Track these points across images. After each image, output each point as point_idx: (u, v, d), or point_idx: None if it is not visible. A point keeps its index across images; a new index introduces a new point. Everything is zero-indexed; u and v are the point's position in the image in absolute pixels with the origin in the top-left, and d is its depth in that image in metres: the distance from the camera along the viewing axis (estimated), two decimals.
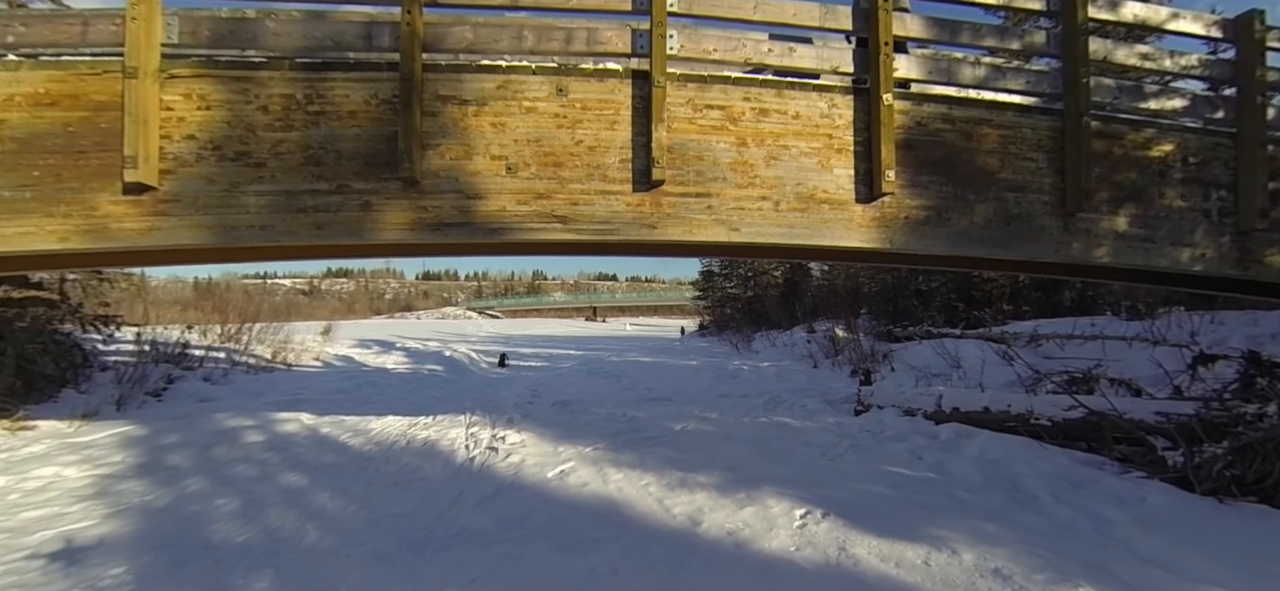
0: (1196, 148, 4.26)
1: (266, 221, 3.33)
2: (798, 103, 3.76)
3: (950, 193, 3.90)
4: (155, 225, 3.27)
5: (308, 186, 3.36)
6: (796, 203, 3.70)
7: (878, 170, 3.70)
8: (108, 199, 3.23)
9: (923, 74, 3.95)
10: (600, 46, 3.60)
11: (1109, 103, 4.18)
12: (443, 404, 9.23)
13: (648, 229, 3.56)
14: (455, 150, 3.46)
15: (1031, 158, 4.03)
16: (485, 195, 3.46)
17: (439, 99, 3.46)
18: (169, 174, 3.28)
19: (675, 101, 3.62)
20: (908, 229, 3.84)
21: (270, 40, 3.40)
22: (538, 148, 3.50)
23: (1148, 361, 6.95)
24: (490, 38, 3.53)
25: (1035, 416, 5.64)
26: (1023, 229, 3.99)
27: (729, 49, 3.73)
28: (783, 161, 3.71)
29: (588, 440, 5.99)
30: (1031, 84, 4.13)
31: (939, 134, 3.92)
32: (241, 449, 5.92)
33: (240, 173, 3.32)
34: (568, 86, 3.55)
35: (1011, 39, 4.13)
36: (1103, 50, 4.18)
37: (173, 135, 3.29)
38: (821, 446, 5.68)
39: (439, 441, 6.17)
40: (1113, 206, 4.12)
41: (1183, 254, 4.21)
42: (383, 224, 3.40)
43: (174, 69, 3.30)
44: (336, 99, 3.40)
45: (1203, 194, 4.25)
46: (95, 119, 3.23)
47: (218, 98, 3.33)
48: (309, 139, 3.37)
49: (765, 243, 3.71)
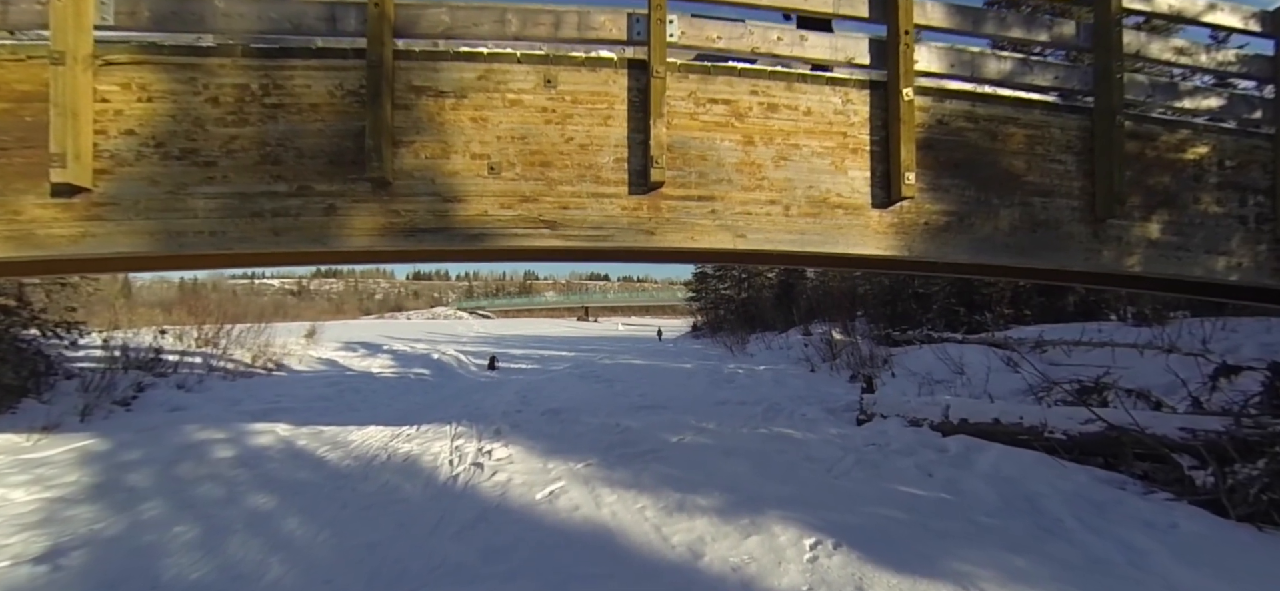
0: (1233, 150, 3.97)
1: (217, 227, 2.96)
2: (809, 97, 3.43)
3: (973, 197, 3.59)
4: (89, 231, 2.89)
5: (264, 188, 2.99)
6: (808, 207, 3.38)
7: (896, 172, 3.38)
8: (33, 202, 2.85)
9: (944, 68, 3.62)
10: (593, 32, 3.25)
11: (1142, 101, 3.88)
12: (428, 412, 8.85)
13: (645, 235, 3.22)
14: (431, 147, 3.10)
15: (1060, 159, 3.72)
16: (465, 198, 3.10)
17: (413, 90, 3.10)
18: (105, 174, 2.90)
19: (676, 95, 3.28)
20: (927, 236, 3.52)
21: (221, 22, 3.02)
22: (523, 145, 3.15)
23: (1160, 370, 6.69)
24: (470, 21, 3.17)
25: (1049, 429, 5.35)
26: (1050, 236, 3.69)
27: (735, 36, 3.39)
28: (793, 162, 3.38)
29: (579, 454, 5.65)
30: (1060, 79, 3.82)
31: (962, 133, 3.60)
32: (209, 465, 5.52)
33: (187, 173, 2.95)
34: (557, 77, 3.19)
35: (1040, 30, 3.81)
36: (1136, 44, 3.88)
37: (109, 130, 2.91)
38: (826, 461, 5.37)
39: (421, 456, 5.81)
40: (1145, 212, 3.82)
41: (1218, 263, 3.93)
42: (349, 229, 3.04)
43: (110, 55, 2.92)
44: (297, 90, 3.03)
45: (1239, 199, 3.97)
46: (18, 112, 2.85)
47: (161, 88, 2.95)
48: (266, 135, 3.00)
49: (774, 250, 3.38)
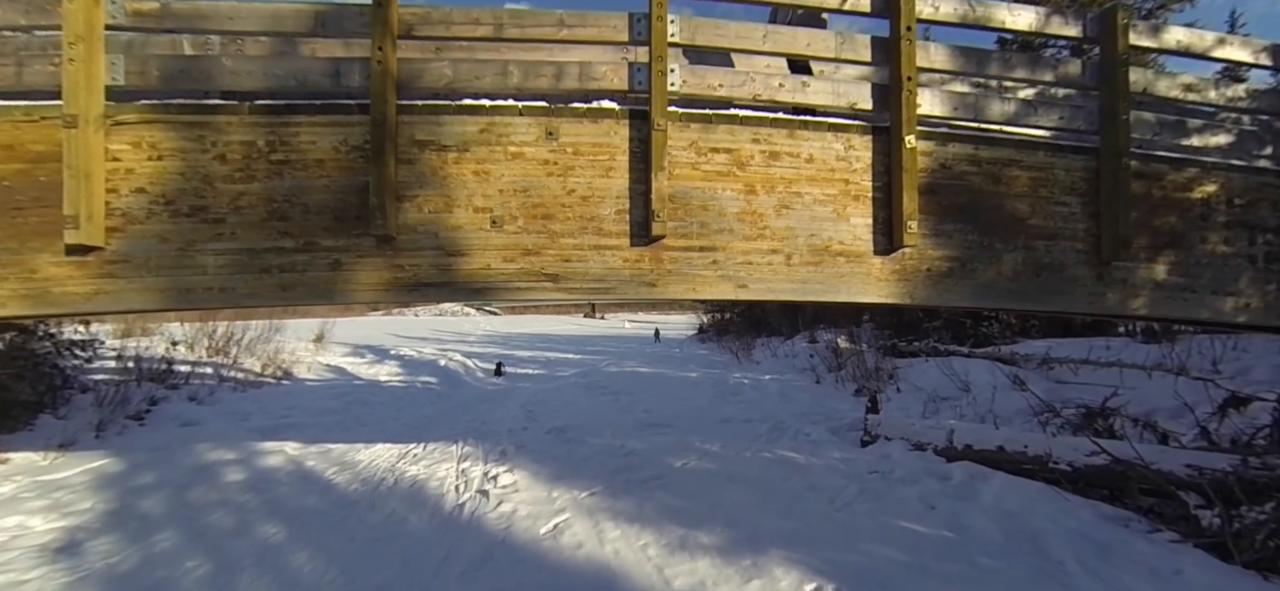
0: (1242, 188, 3.94)
1: (226, 283, 3.02)
2: (811, 144, 3.43)
3: (976, 241, 3.59)
4: (102, 288, 2.95)
5: (271, 244, 3.04)
6: (810, 255, 3.39)
7: (899, 220, 3.38)
8: (49, 260, 2.91)
9: (948, 111, 3.62)
10: (594, 83, 3.27)
11: (1148, 140, 3.85)
12: (435, 426, 8.93)
13: (646, 287, 3.25)
14: (434, 202, 3.14)
15: (1064, 201, 3.71)
16: (468, 252, 3.14)
17: (416, 144, 3.14)
18: (117, 232, 2.96)
19: (677, 144, 3.30)
20: (930, 282, 3.52)
21: (228, 80, 3.07)
22: (526, 198, 3.18)
23: (1169, 393, 6.62)
24: (472, 74, 3.20)
25: (1054, 460, 5.31)
26: (1054, 280, 3.68)
27: (736, 84, 3.40)
28: (795, 210, 3.39)
29: (583, 482, 5.69)
30: (1065, 119, 3.80)
31: (965, 176, 3.60)
32: (220, 490, 5.61)
33: (196, 229, 3.00)
34: (558, 129, 3.22)
35: (1044, 70, 3.79)
36: (1143, 81, 3.85)
37: (120, 188, 2.97)
38: (829, 491, 5.37)
39: (427, 481, 5.87)
40: (1151, 253, 3.80)
41: (1226, 303, 3.90)
42: (355, 284, 3.09)
43: (120, 115, 2.98)
44: (302, 146, 3.08)
45: (1248, 238, 3.94)
46: (33, 172, 2.91)
47: (170, 146, 3.01)
48: (272, 191, 3.05)
49: (775, 299, 3.39)
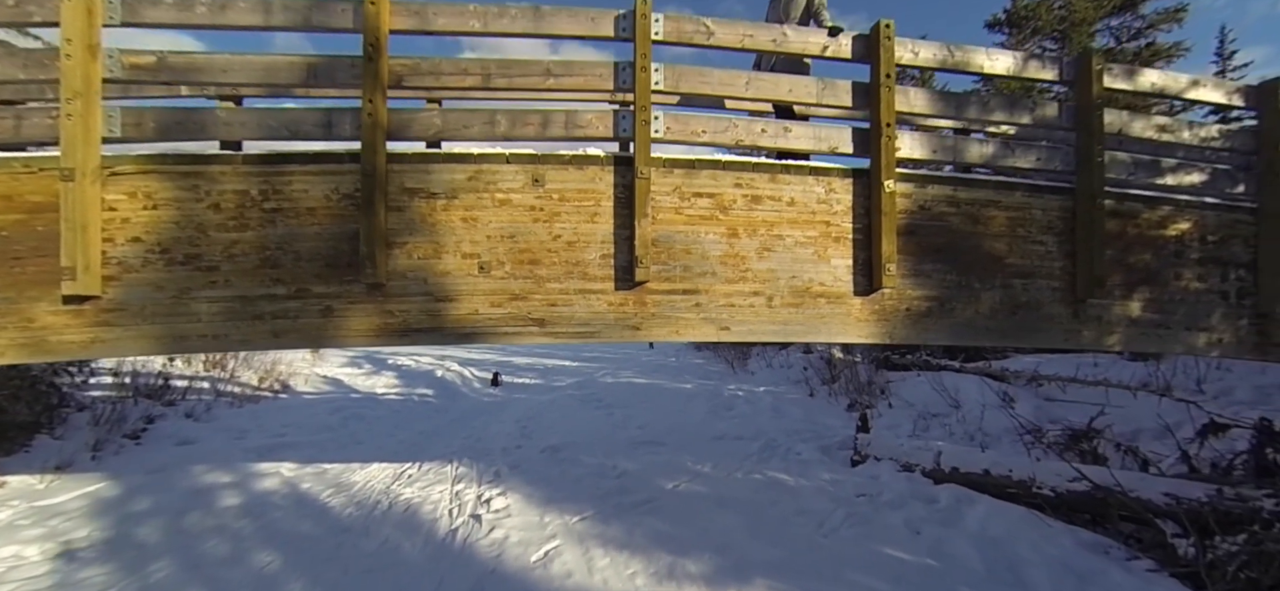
0: (1215, 224, 4.03)
1: (219, 329, 3.09)
2: (793, 188, 3.52)
3: (955, 281, 3.67)
4: (98, 336, 3.02)
5: (264, 291, 3.11)
6: (791, 297, 3.47)
7: (878, 262, 3.46)
8: (46, 309, 2.98)
9: (927, 153, 3.70)
10: (580, 131, 3.35)
11: (1124, 179, 3.94)
12: (431, 442, 9.00)
13: (631, 330, 3.32)
14: (424, 248, 3.21)
15: (1041, 240, 3.79)
16: (456, 297, 3.21)
17: (406, 192, 3.22)
18: (113, 280, 3.03)
19: (661, 190, 3.38)
20: (909, 321, 3.60)
21: (222, 130, 3.15)
22: (513, 244, 3.26)
23: (1153, 414, 6.71)
24: (460, 123, 3.28)
25: (1038, 484, 5.40)
26: (1031, 318, 3.76)
27: (719, 130, 3.48)
28: (777, 252, 3.47)
29: (575, 505, 5.76)
30: (1042, 160, 3.88)
31: (944, 217, 3.68)
32: (216, 516, 5.67)
33: (191, 277, 3.07)
34: (544, 176, 3.30)
35: (1022, 112, 3.88)
36: (1118, 123, 3.94)
37: (116, 238, 3.04)
38: (817, 516, 5.45)
39: (422, 505, 5.94)
40: (1126, 290, 3.89)
41: (1199, 339, 3.99)
42: (346, 330, 3.16)
43: (117, 166, 3.05)
44: (295, 195, 3.15)
45: (1221, 274, 4.03)
46: (31, 222, 2.98)
47: (166, 196, 3.08)
48: (265, 239, 3.12)
49: (757, 340, 3.47)
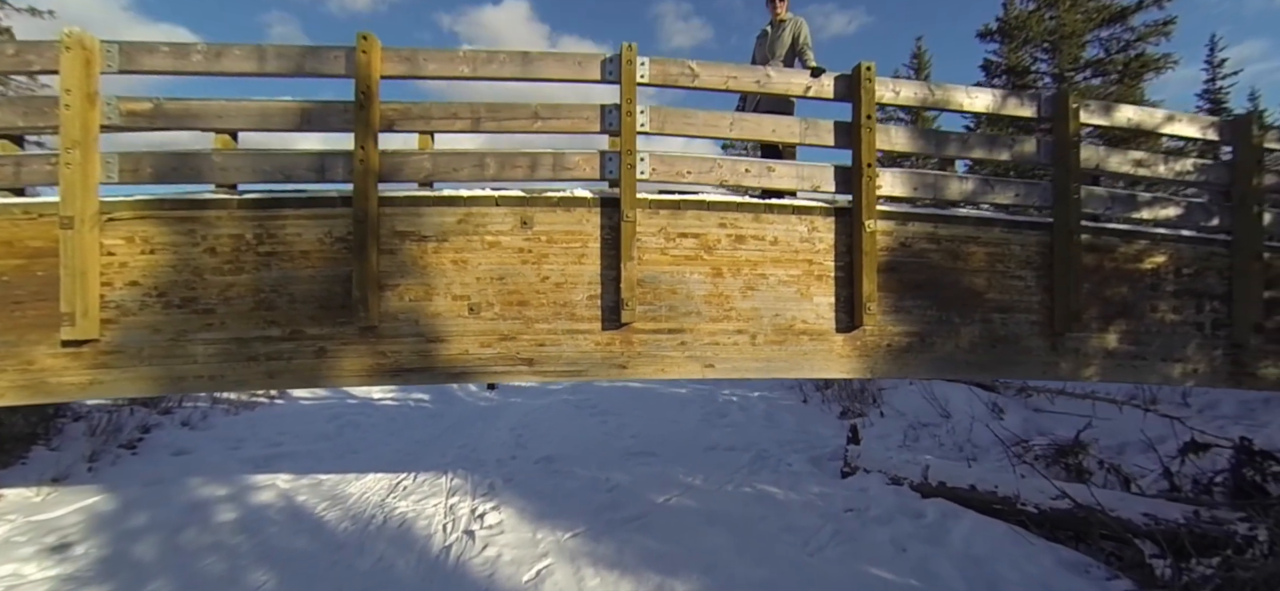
0: (1190, 257, 4.12)
1: (215, 370, 3.16)
2: (776, 227, 3.60)
3: (935, 316, 3.76)
4: (97, 378, 3.10)
5: (259, 333, 3.19)
6: (774, 335, 3.55)
7: (859, 300, 3.55)
8: (45, 352, 3.06)
9: (908, 191, 3.78)
10: (567, 172, 3.43)
11: (1101, 214, 4.03)
12: (427, 451, 9.09)
13: (617, 369, 3.41)
14: (415, 290, 3.29)
15: (1020, 275, 3.88)
16: (447, 338, 3.30)
17: (397, 235, 3.29)
18: (111, 323, 3.11)
19: (646, 230, 3.46)
20: (890, 357, 3.69)
21: (218, 175, 3.22)
22: (502, 285, 3.34)
23: (1138, 429, 6.83)
24: (451, 166, 3.35)
25: (1022, 501, 5.51)
26: (1009, 351, 3.85)
27: (704, 170, 3.56)
28: (760, 291, 3.55)
29: (567, 522, 5.86)
30: (1021, 196, 3.97)
31: (924, 254, 3.77)
32: (212, 532, 5.76)
33: (187, 320, 3.15)
34: (533, 218, 3.38)
35: (1001, 149, 3.97)
36: (1095, 158, 4.03)
37: (114, 282, 3.12)
38: (804, 532, 5.55)
39: (416, 520, 6.03)
40: (1103, 323, 3.98)
41: (1174, 369, 4.09)
42: (339, 371, 3.24)
43: (115, 211, 3.12)
44: (289, 238, 3.22)
45: (1196, 306, 4.12)
46: (31, 267, 3.05)
47: (162, 240, 3.15)
48: (260, 282, 3.20)
49: (741, 376, 3.56)
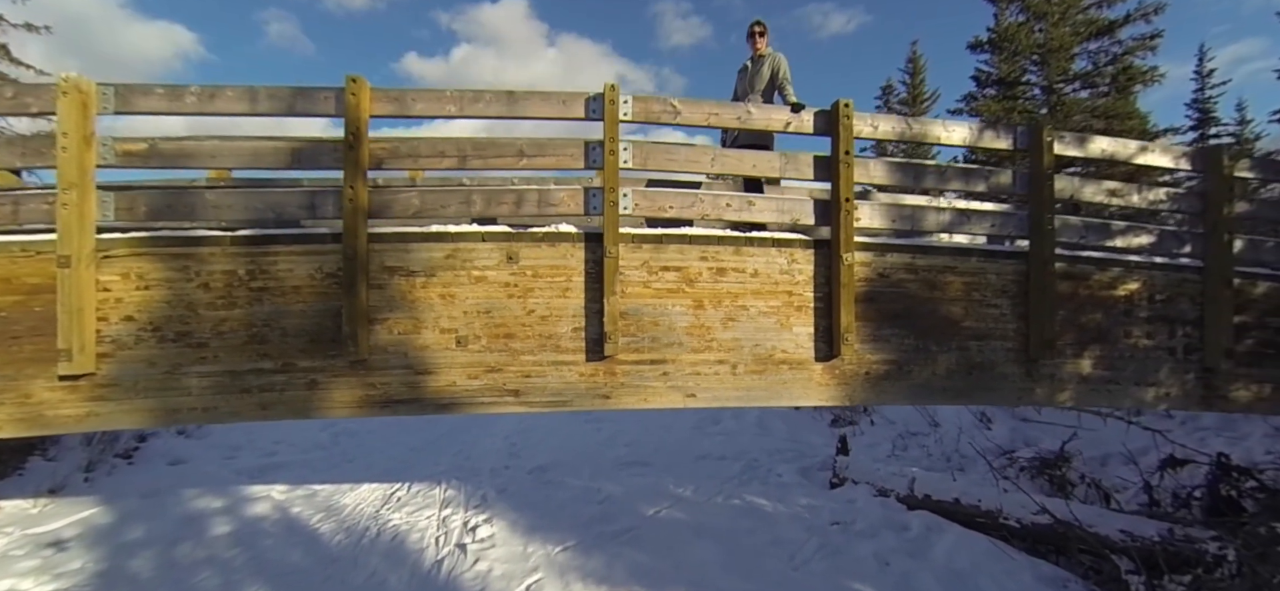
0: (1163, 284, 4.22)
1: (209, 403, 3.25)
2: (756, 260, 3.69)
3: (912, 345, 3.85)
4: (93, 410, 3.18)
5: (252, 365, 3.27)
6: (754, 364, 3.65)
7: (837, 330, 3.64)
8: (43, 386, 3.14)
9: (886, 223, 3.88)
10: (552, 209, 3.51)
11: (1076, 242, 4.13)
12: (421, 459, 9.18)
13: (601, 398, 3.50)
14: (403, 324, 3.38)
15: (996, 304, 3.98)
16: (435, 370, 3.39)
17: (386, 270, 3.38)
18: (107, 357, 3.19)
19: (629, 264, 3.55)
20: (868, 384, 3.79)
21: (211, 213, 3.30)
22: (488, 319, 3.43)
23: (1121, 441, 6.95)
24: (438, 203, 3.44)
25: (1004, 516, 5.64)
26: (985, 378, 3.95)
27: (686, 205, 3.65)
28: (740, 322, 3.65)
29: (558, 534, 5.96)
30: (997, 226, 4.07)
31: (902, 284, 3.86)
32: (207, 545, 5.85)
33: (181, 354, 3.24)
34: (518, 253, 3.47)
35: (978, 181, 4.06)
36: (1070, 188, 4.12)
37: (110, 317, 3.20)
38: (791, 546, 5.66)
39: (409, 533, 6.13)
40: (1077, 349, 4.08)
41: (1147, 393, 4.19)
42: (330, 402, 3.33)
43: (111, 249, 3.20)
44: (280, 273, 3.31)
45: (1169, 331, 4.22)
46: (29, 303, 3.14)
47: (157, 276, 3.23)
48: (252, 316, 3.28)
49: (722, 405, 3.66)
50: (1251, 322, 4.25)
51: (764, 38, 4.63)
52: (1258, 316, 4.26)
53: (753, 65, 4.65)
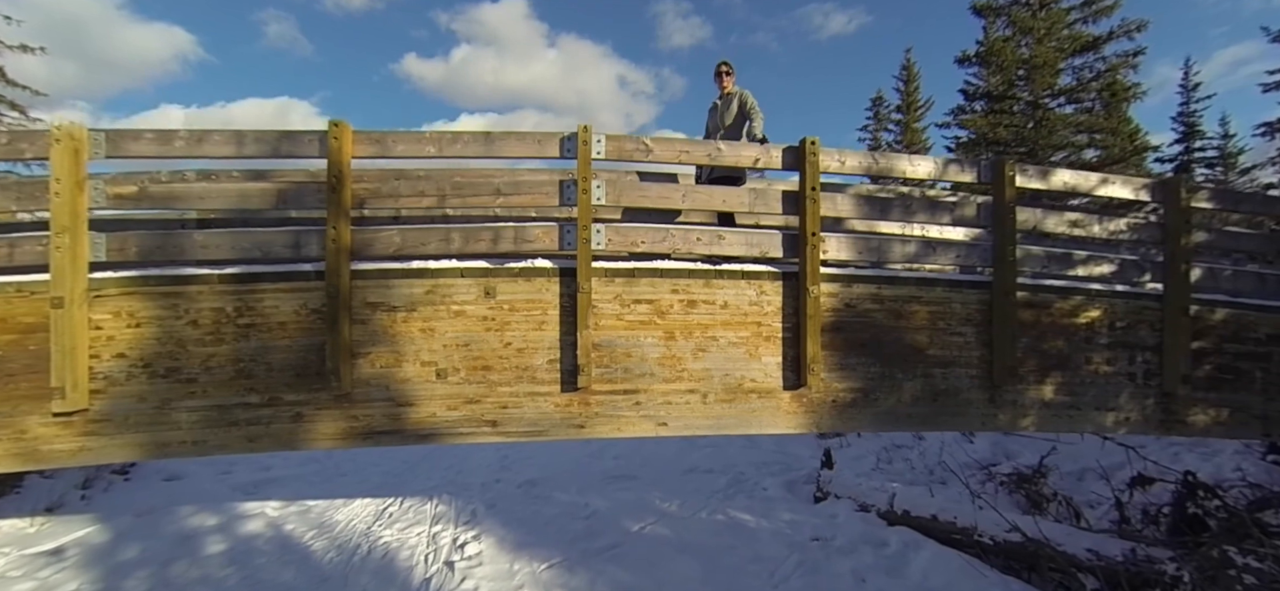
0: (1123, 312, 4.36)
1: (198, 436, 3.38)
2: (726, 292, 3.83)
3: (878, 372, 3.99)
4: (86, 445, 3.32)
5: (239, 400, 3.41)
6: (724, 394, 3.79)
7: (804, 360, 3.78)
8: (38, 422, 3.27)
9: (853, 255, 4.01)
10: (528, 245, 3.65)
11: (1039, 271, 4.27)
12: (414, 473, 9.32)
13: (576, 428, 3.64)
14: (385, 357, 3.52)
15: (960, 332, 4.12)
16: (415, 402, 3.52)
17: (368, 306, 3.52)
18: (99, 393, 3.33)
19: (602, 298, 3.69)
20: (835, 412, 3.93)
21: (199, 253, 3.44)
22: (467, 352, 3.57)
23: (1097, 457, 7.09)
24: (418, 240, 3.58)
25: (979, 533, 5.77)
26: (950, 404, 4.09)
27: (657, 239, 3.79)
28: (711, 353, 3.78)
29: (544, 551, 6.08)
30: (962, 257, 4.21)
31: (869, 314, 4.00)
32: (201, 564, 5.97)
33: (171, 389, 3.37)
34: (496, 288, 3.61)
35: (942, 213, 4.21)
36: (1033, 220, 4.27)
37: (102, 354, 3.34)
38: (771, 563, 5.79)
39: (399, 551, 6.25)
40: (1039, 376, 4.22)
41: (1107, 418, 4.33)
42: (315, 434, 3.46)
43: (103, 289, 3.34)
44: (267, 310, 3.45)
45: (1129, 357, 4.36)
46: (24, 341, 3.27)
47: (147, 314, 3.37)
48: (240, 352, 3.42)
49: (693, 433, 3.79)
50: (1209, 348, 4.39)
51: (731, 77, 4.82)
52: (1215, 342, 4.40)
53: (722, 103, 4.83)
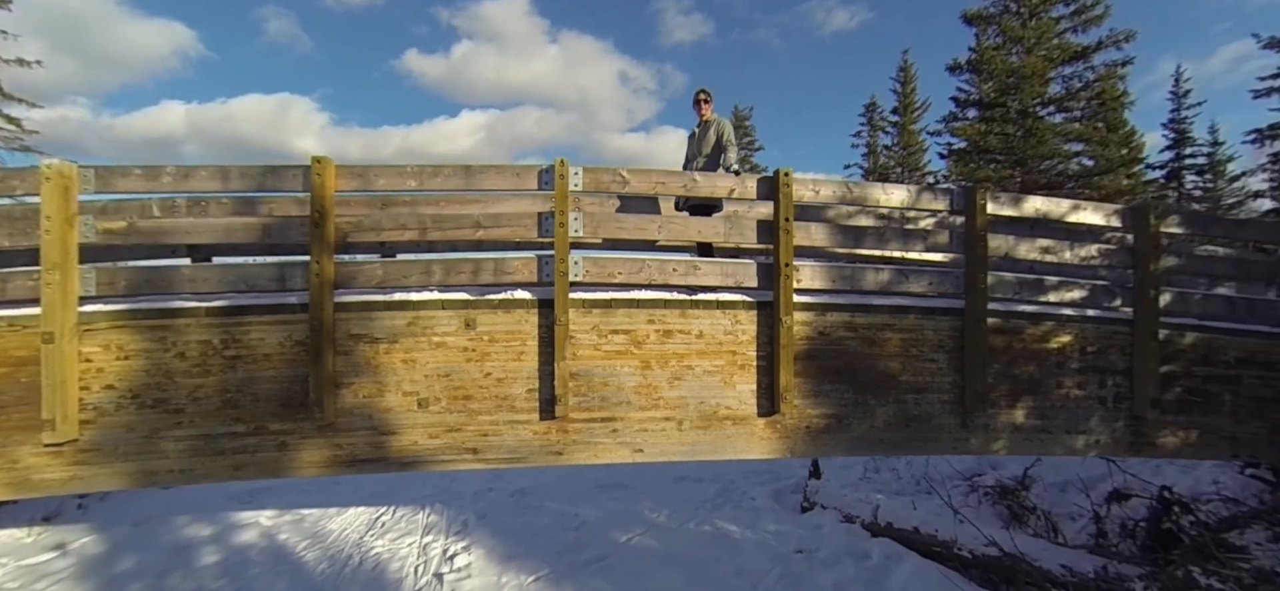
0: (1094, 336, 4.45)
1: (185, 465, 3.49)
2: (701, 321, 3.93)
3: (851, 399, 4.09)
4: (76, 474, 3.42)
5: (226, 429, 3.51)
6: (699, 420, 3.88)
7: (778, 388, 3.87)
8: (29, 452, 3.37)
9: (827, 283, 4.10)
10: (508, 276, 3.74)
11: (1011, 297, 4.36)
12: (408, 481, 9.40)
13: (554, 455, 3.74)
14: (368, 387, 3.61)
15: (933, 358, 4.21)
16: (398, 431, 3.62)
17: (351, 338, 3.61)
18: (89, 424, 3.43)
19: (580, 328, 3.78)
20: (808, 438, 4.02)
21: (186, 286, 3.54)
22: (448, 382, 3.66)
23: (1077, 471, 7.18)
24: (400, 273, 3.67)
25: (959, 546, 5.87)
26: (922, 429, 4.18)
27: (634, 271, 3.88)
28: (686, 381, 3.88)
29: (533, 562, 6.19)
30: (934, 284, 4.30)
31: (842, 341, 4.09)
32: (195, 576, 6.08)
33: (159, 419, 3.47)
34: (476, 319, 3.70)
35: (915, 241, 4.29)
36: (1005, 246, 4.35)
37: (92, 386, 3.43)
38: (755, 575, 5.90)
39: (390, 562, 6.37)
40: (1011, 401, 4.31)
41: (1078, 441, 4.42)
42: (299, 463, 3.56)
43: (92, 322, 3.44)
44: (252, 342, 3.54)
45: (1099, 381, 4.45)
46: (15, 374, 3.37)
47: (136, 347, 3.47)
48: (226, 383, 3.52)
49: (669, 459, 3.89)
50: (1178, 372, 4.48)
51: (708, 104, 4.90)
52: (1184, 366, 4.49)
53: (700, 130, 4.91)
